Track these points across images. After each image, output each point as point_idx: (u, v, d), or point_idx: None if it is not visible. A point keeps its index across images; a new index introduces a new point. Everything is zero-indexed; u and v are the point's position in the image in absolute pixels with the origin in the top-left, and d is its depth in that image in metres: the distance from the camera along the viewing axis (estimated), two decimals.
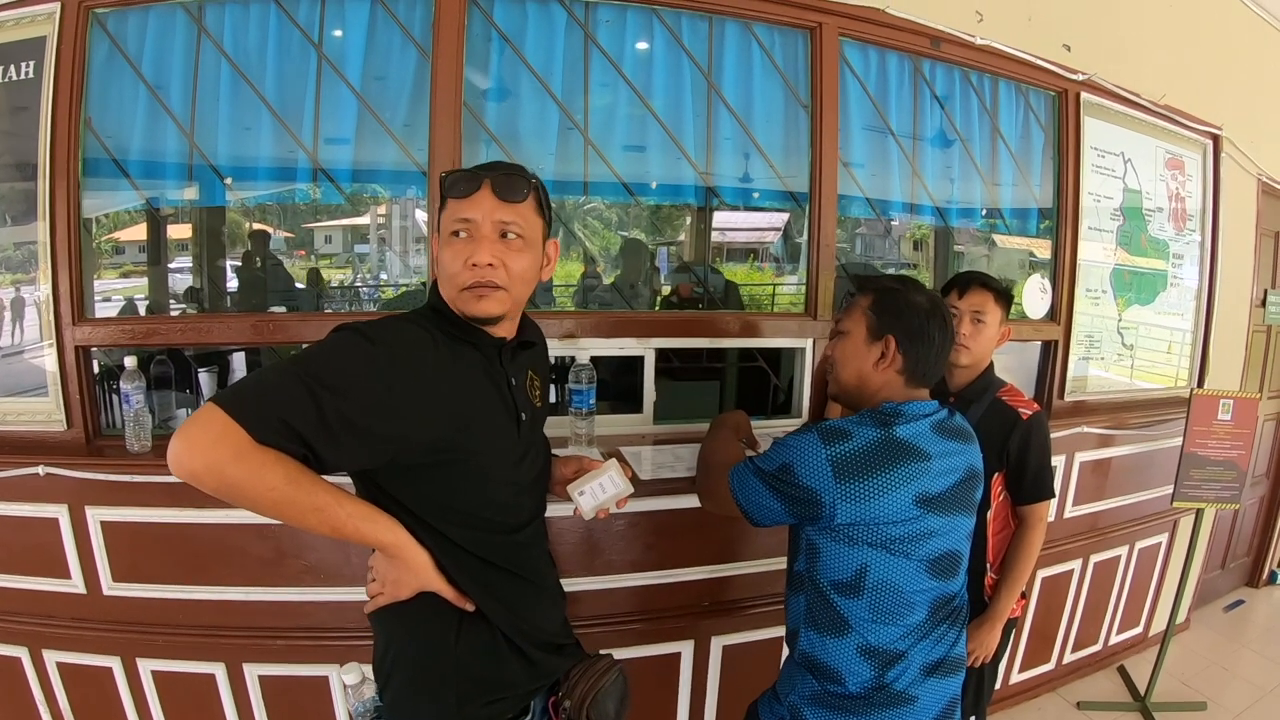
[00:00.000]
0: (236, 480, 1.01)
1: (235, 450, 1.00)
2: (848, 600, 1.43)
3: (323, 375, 1.06)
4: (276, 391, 1.04)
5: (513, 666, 1.30)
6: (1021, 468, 2.01)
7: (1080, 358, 3.13)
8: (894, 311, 1.51)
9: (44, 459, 1.95)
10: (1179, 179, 3.40)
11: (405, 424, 1.12)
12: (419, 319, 1.25)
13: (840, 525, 1.39)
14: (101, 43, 2.09)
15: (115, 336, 2.12)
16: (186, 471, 1.00)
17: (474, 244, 1.22)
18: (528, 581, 1.33)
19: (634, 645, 2.15)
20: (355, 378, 1.08)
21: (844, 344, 1.56)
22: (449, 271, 1.24)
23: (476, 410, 1.23)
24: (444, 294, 1.28)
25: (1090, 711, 3.15)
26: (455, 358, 1.22)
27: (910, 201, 2.83)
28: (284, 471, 1.03)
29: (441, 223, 1.27)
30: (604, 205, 3.82)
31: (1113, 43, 3.06)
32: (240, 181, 2.28)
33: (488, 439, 1.24)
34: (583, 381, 2.18)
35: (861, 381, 1.53)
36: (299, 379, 1.04)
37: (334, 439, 1.05)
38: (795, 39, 2.53)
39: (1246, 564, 4.52)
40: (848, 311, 1.58)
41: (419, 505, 1.21)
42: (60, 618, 2.05)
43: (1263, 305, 4.00)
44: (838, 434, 1.40)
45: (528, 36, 2.28)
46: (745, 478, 1.50)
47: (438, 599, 1.22)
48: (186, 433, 1.01)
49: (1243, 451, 3.01)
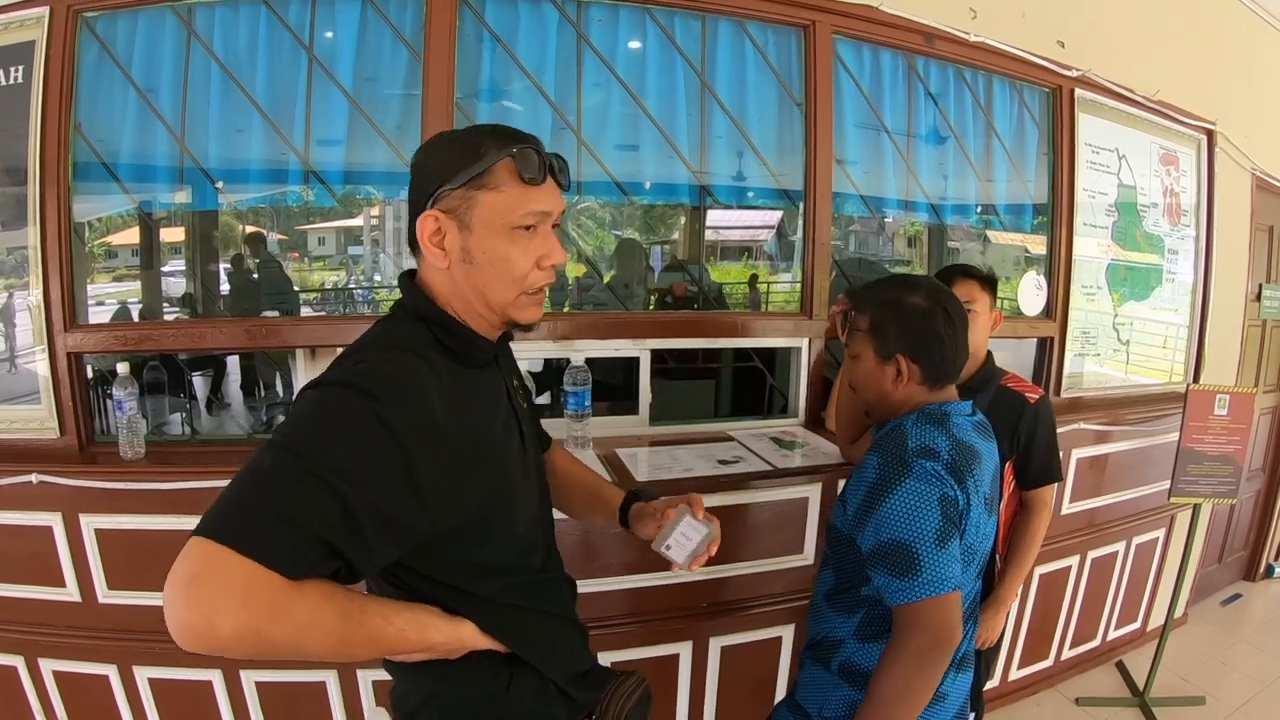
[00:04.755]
0: (283, 641, 0.79)
1: (273, 606, 0.77)
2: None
3: (334, 461, 0.83)
4: (294, 502, 0.80)
5: (557, 706, 1.17)
6: (1030, 451, 2.03)
7: (1076, 354, 3.13)
8: (895, 325, 1.46)
9: (37, 466, 1.93)
10: (1173, 174, 3.40)
11: (435, 508, 0.92)
12: (409, 342, 1.02)
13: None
14: (91, 46, 2.08)
15: (107, 343, 2.11)
16: (208, 647, 0.76)
17: (547, 240, 1.05)
18: (555, 616, 1.19)
19: (632, 647, 2.14)
20: (371, 457, 0.86)
21: (858, 368, 1.52)
22: (517, 272, 1.03)
23: (493, 448, 1.05)
24: (493, 297, 1.05)
25: (1089, 707, 3.15)
26: (457, 387, 1.00)
27: (904, 198, 2.83)
28: (335, 608, 0.83)
29: (490, 207, 1.01)
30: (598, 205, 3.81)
31: (1107, 39, 3.06)
32: (232, 185, 2.27)
33: (509, 477, 1.08)
34: (578, 383, 2.17)
35: (884, 399, 1.50)
36: (309, 474, 0.81)
37: (367, 543, 0.85)
38: (789, 37, 2.52)
39: (1243, 558, 4.53)
40: (851, 334, 1.53)
41: (446, 573, 1.03)
42: (56, 626, 2.03)
43: (1258, 299, 4.01)
44: (929, 453, 1.36)
45: (520, 36, 2.27)
46: (931, 585, 1.29)
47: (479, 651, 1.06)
48: (193, 596, 0.76)
49: (1239, 446, 3.01)
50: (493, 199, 1.01)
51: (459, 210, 1.01)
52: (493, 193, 1.01)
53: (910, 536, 1.30)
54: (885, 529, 1.32)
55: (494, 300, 1.05)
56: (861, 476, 1.41)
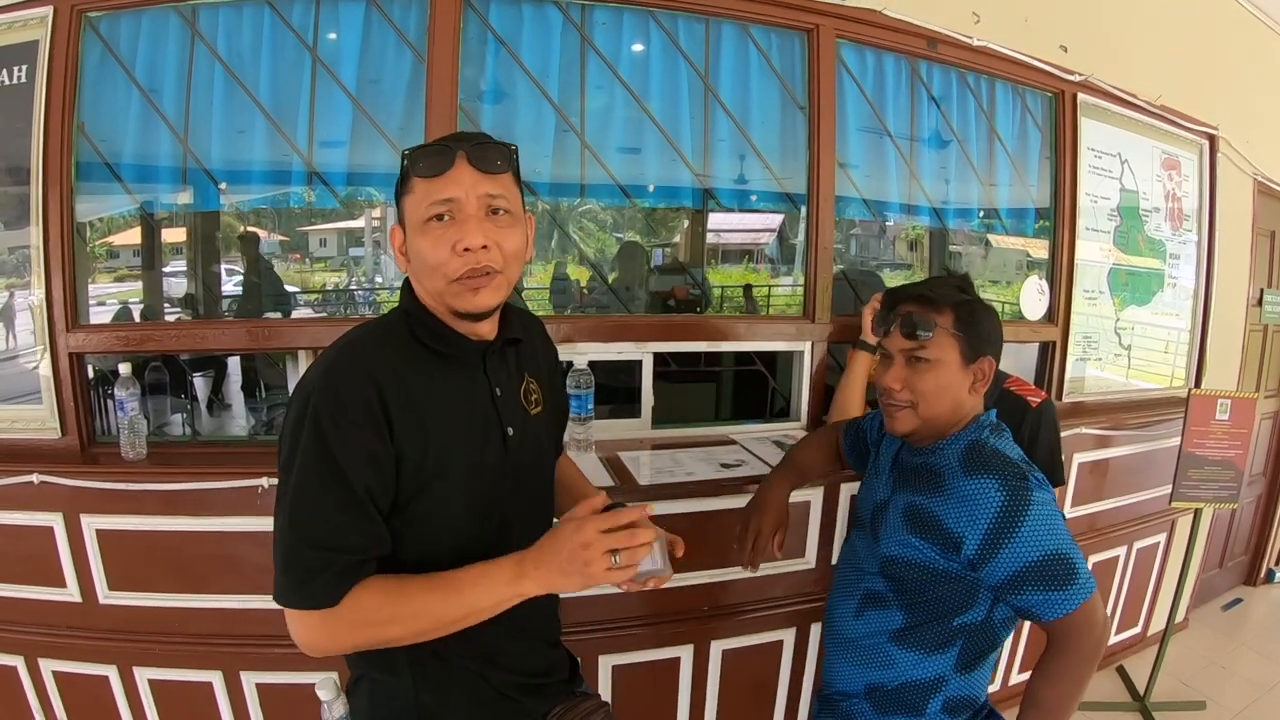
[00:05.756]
0: (364, 640, 1.06)
1: (327, 631, 1.03)
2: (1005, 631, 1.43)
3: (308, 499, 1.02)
4: (297, 552, 1.02)
5: (488, 711, 1.21)
6: (1032, 456, 2.01)
7: (1078, 358, 3.12)
8: (980, 327, 1.39)
9: (38, 467, 1.94)
10: (1175, 179, 3.40)
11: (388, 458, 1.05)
12: (380, 331, 1.16)
13: None
14: (94, 46, 2.08)
15: (109, 343, 2.11)
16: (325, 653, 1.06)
17: (460, 225, 1.07)
18: (504, 625, 1.12)
19: (633, 650, 2.14)
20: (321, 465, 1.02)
21: (935, 374, 1.37)
22: (432, 262, 1.08)
23: (448, 434, 1.11)
24: (426, 290, 1.13)
25: (1090, 711, 3.14)
26: (426, 383, 1.10)
27: (907, 202, 2.82)
28: (377, 588, 1.04)
29: (410, 209, 1.11)
30: (600, 208, 3.81)
31: (1109, 44, 3.06)
32: (234, 185, 2.26)
33: (456, 477, 1.12)
34: (581, 387, 2.17)
35: (955, 410, 1.41)
36: (296, 523, 1.02)
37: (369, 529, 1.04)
38: (792, 41, 2.52)
39: (1244, 563, 4.52)
40: (928, 337, 1.37)
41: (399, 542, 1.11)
42: (56, 627, 2.03)
43: (1259, 304, 4.01)
44: (1027, 463, 1.36)
45: (523, 39, 2.27)
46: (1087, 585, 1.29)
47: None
48: (300, 643, 1.05)
49: (1240, 451, 3.01)
50: (410, 201, 1.11)
51: (404, 217, 1.13)
52: (410, 195, 1.11)
53: (1062, 546, 1.27)
54: (1033, 548, 1.26)
55: (432, 291, 1.12)
56: (975, 508, 1.30)
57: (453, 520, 1.12)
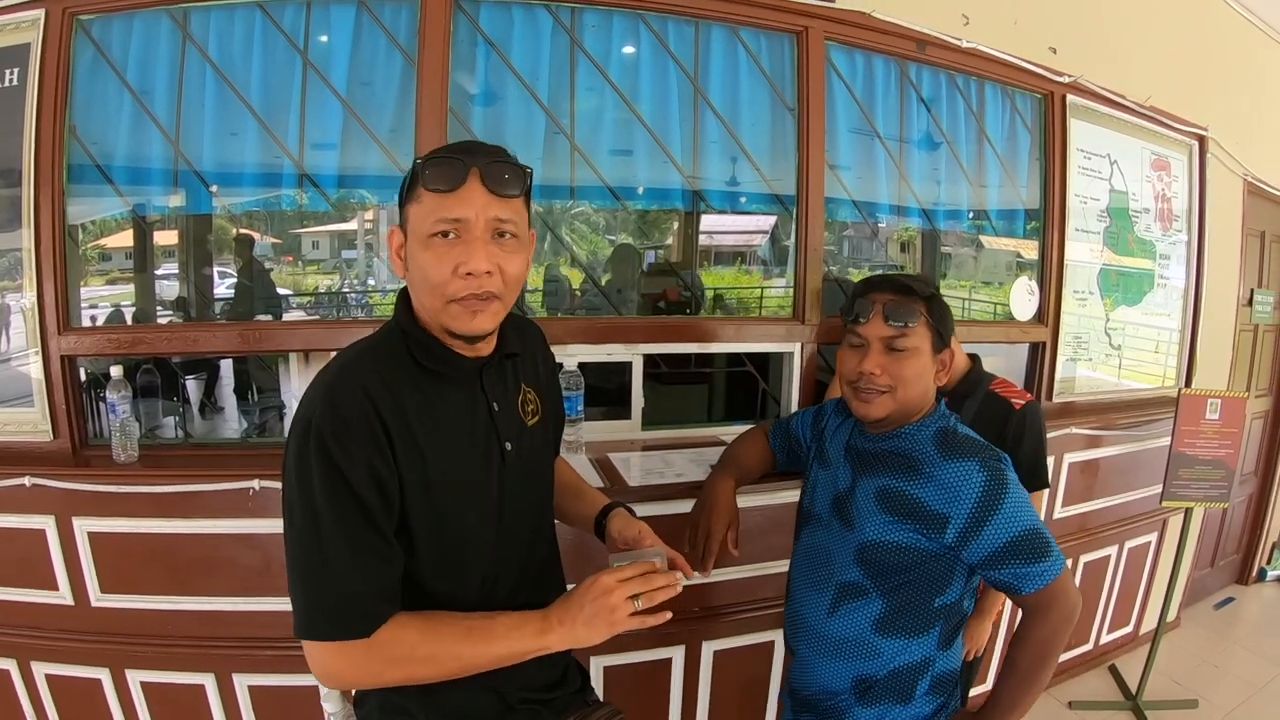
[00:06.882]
0: (398, 676, 1.04)
1: (364, 662, 1.01)
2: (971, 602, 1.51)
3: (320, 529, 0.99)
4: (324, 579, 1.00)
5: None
6: (1015, 458, 2.01)
7: (1068, 359, 3.14)
8: (946, 320, 1.45)
9: (30, 469, 1.94)
10: (1165, 180, 3.42)
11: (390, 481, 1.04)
12: (374, 349, 1.12)
13: None
14: (86, 49, 2.08)
15: (101, 346, 2.11)
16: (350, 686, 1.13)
17: (466, 247, 1.03)
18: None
19: (624, 651, 2.15)
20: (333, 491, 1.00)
21: (913, 362, 1.41)
22: (434, 280, 1.04)
23: (448, 453, 1.10)
24: (423, 306, 1.10)
25: (1082, 711, 3.16)
26: (423, 403, 1.08)
27: (897, 204, 2.83)
28: (417, 627, 1.03)
29: (415, 219, 1.06)
30: (591, 210, 3.82)
31: (1098, 45, 3.08)
32: (226, 188, 2.26)
33: (456, 495, 1.11)
34: (571, 388, 2.18)
35: (924, 396, 1.46)
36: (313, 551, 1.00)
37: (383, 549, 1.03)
38: (781, 43, 2.53)
39: (1236, 561, 4.54)
40: (911, 326, 1.41)
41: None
42: (48, 629, 2.03)
43: (1249, 304, 4.03)
44: (996, 454, 1.39)
45: (513, 41, 2.28)
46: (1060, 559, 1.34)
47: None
48: (319, 676, 1.05)
49: (1231, 450, 3.02)
50: (416, 210, 1.07)
51: (406, 224, 1.09)
52: (416, 204, 1.07)
53: (1035, 521, 1.33)
54: (1014, 524, 1.31)
55: (428, 307, 1.09)
56: (959, 489, 1.33)
57: (455, 536, 1.12)
